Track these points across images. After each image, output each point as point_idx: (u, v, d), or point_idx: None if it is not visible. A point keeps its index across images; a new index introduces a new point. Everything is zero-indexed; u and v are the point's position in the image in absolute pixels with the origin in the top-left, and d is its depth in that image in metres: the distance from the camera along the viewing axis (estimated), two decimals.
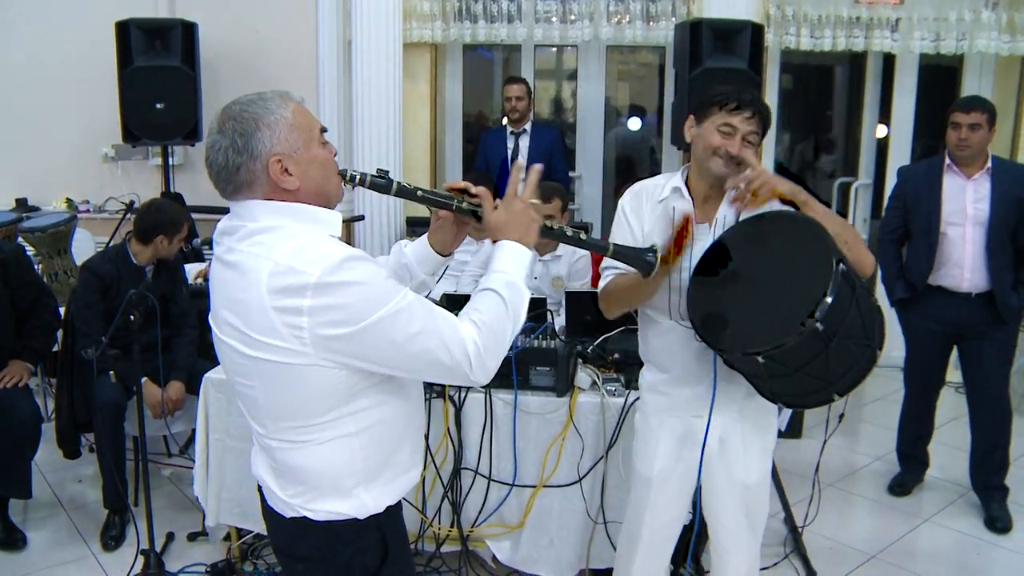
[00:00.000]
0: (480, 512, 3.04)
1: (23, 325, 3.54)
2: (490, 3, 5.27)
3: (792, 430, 4.23)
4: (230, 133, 1.52)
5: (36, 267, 4.14)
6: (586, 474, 2.96)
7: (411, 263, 1.85)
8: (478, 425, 2.98)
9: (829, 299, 1.87)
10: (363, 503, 1.64)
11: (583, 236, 1.87)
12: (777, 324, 1.94)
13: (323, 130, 1.63)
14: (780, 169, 5.74)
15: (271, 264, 1.47)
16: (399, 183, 1.70)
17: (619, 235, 2.35)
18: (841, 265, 1.91)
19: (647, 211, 2.33)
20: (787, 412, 3.62)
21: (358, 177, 1.66)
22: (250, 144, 1.51)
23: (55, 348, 3.76)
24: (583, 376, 3.00)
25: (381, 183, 1.68)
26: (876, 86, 5.51)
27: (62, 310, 3.69)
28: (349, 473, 1.62)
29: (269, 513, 1.73)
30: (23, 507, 3.62)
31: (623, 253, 1.95)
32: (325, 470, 1.61)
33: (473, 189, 1.78)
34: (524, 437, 2.96)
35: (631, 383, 2.89)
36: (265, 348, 1.50)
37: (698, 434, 2.31)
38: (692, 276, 2.17)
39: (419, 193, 1.74)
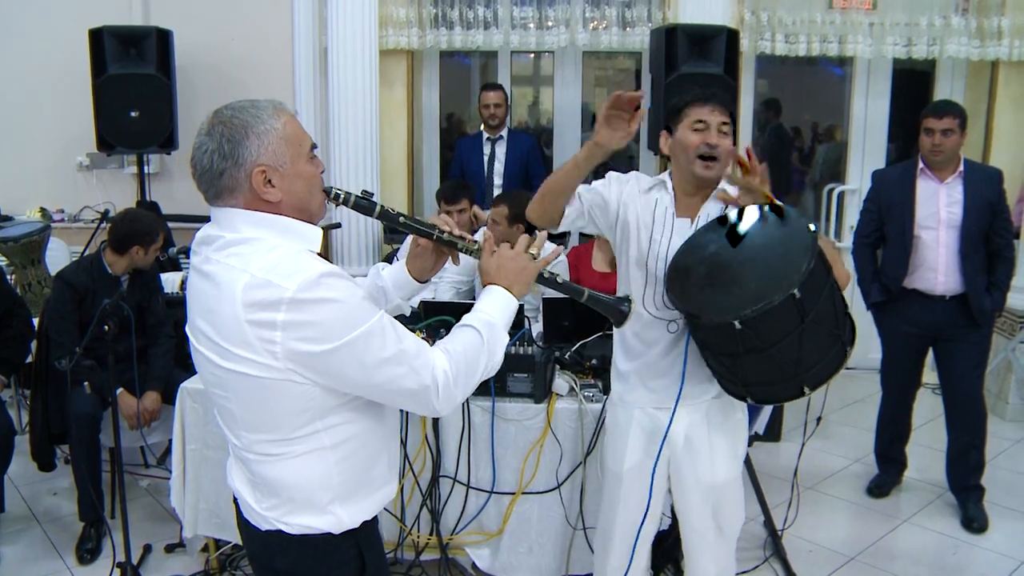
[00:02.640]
0: (459, 520, 3.03)
1: None
2: (466, 10, 5.27)
3: (771, 433, 4.26)
4: (218, 137, 1.51)
5: (9, 277, 4.08)
6: (564, 480, 2.96)
7: (388, 287, 1.86)
8: (456, 432, 2.98)
9: (809, 267, 1.95)
10: (339, 518, 1.63)
11: (560, 280, 1.86)
12: (760, 289, 2.01)
13: (313, 146, 1.62)
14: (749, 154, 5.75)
15: (247, 277, 1.45)
16: (382, 207, 1.72)
17: (596, 185, 2.41)
18: (795, 292, 1.97)
19: (634, 192, 2.38)
20: (765, 415, 3.64)
21: (342, 196, 1.67)
22: (236, 151, 1.50)
23: (29, 359, 3.71)
24: (561, 382, 3.01)
25: (365, 204, 1.70)
26: (863, 90, 5.53)
27: (36, 321, 3.64)
28: (324, 488, 1.61)
29: (245, 525, 1.72)
30: None
31: (597, 299, 1.93)
32: (300, 484, 1.60)
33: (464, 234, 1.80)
34: (502, 444, 2.96)
35: (608, 389, 2.88)
36: (239, 360, 1.49)
37: (667, 431, 2.35)
38: (668, 268, 2.24)
39: (401, 219, 1.75)
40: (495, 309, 1.69)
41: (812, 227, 2.09)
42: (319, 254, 1.57)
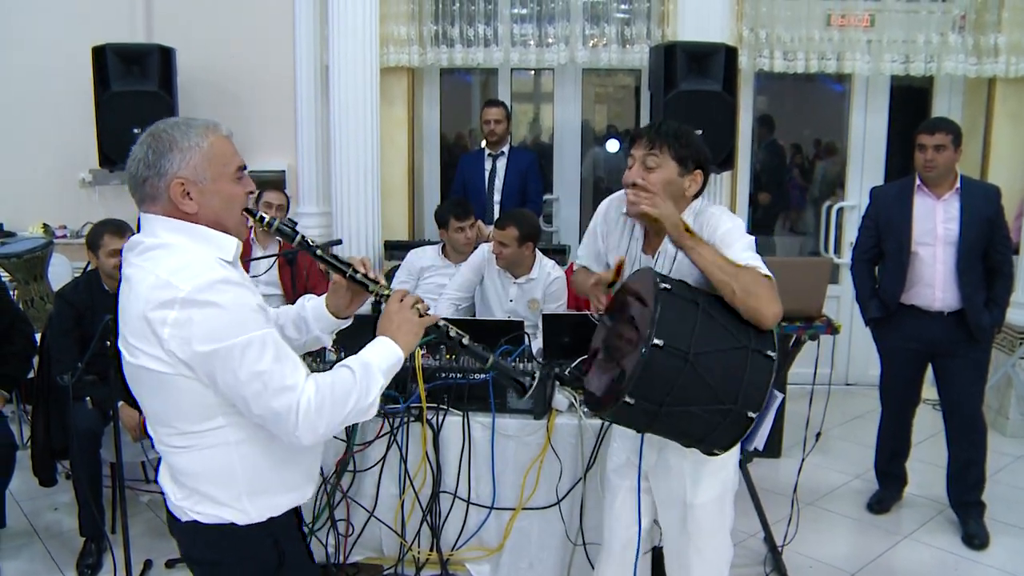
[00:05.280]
0: (459, 535, 3.04)
1: None
2: (467, 28, 5.31)
3: (770, 449, 4.25)
4: (146, 148, 1.63)
5: (11, 293, 4.09)
6: (564, 496, 2.97)
7: (308, 318, 1.92)
8: (456, 448, 2.99)
9: (656, 314, 1.96)
10: (245, 511, 1.70)
11: (465, 342, 1.89)
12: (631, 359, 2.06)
13: (241, 167, 1.71)
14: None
15: (153, 278, 1.56)
16: (303, 237, 1.81)
17: (587, 238, 2.54)
18: (656, 340, 1.94)
19: (612, 219, 2.45)
20: (765, 430, 3.63)
21: (267, 219, 1.77)
22: (160, 162, 1.61)
23: (31, 374, 3.72)
24: (560, 398, 3.01)
25: (286, 232, 1.81)
26: (861, 106, 5.55)
27: (38, 336, 3.65)
28: (230, 481, 1.69)
29: (171, 519, 1.80)
30: None
31: (501, 369, 1.95)
32: (207, 475, 1.68)
33: (378, 278, 1.88)
34: (502, 460, 2.97)
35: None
36: (141, 355, 1.59)
37: (644, 444, 2.37)
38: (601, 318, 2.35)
39: (318, 252, 1.83)
40: (374, 353, 1.73)
41: (656, 273, 2.10)
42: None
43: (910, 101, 5.60)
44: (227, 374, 1.56)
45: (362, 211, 4.98)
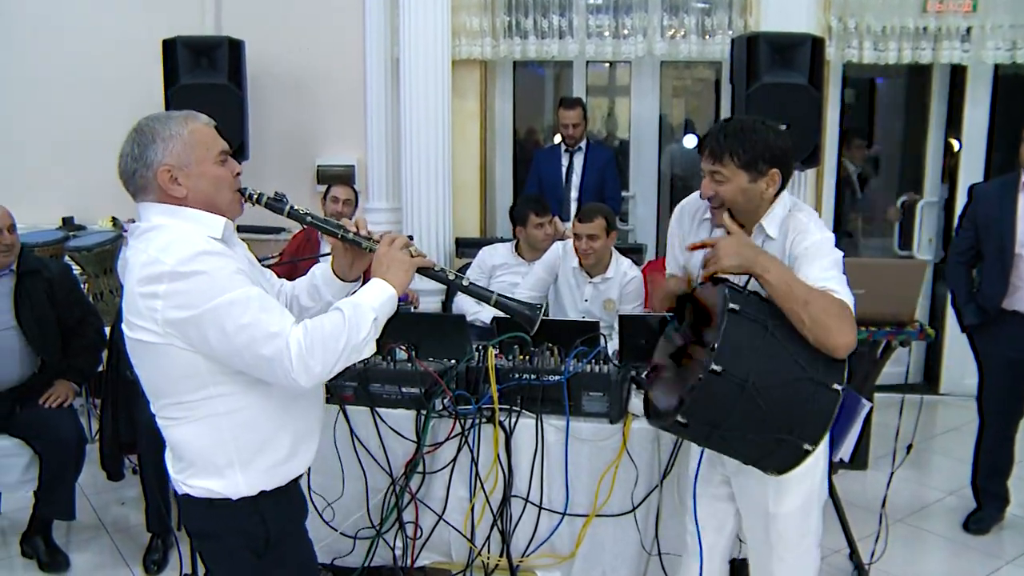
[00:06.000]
0: (530, 542, 2.97)
1: (68, 344, 3.54)
2: (541, 19, 5.20)
3: (857, 461, 4.04)
4: (131, 143, 1.77)
5: (82, 286, 4.15)
6: (640, 503, 2.89)
7: (319, 284, 2.01)
8: (529, 451, 2.92)
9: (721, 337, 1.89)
10: (235, 484, 1.80)
11: (466, 282, 1.96)
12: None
13: (224, 151, 1.84)
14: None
15: (144, 256, 1.70)
16: (291, 207, 1.92)
17: (668, 252, 2.49)
18: (715, 366, 1.89)
19: (688, 227, 2.38)
20: (850, 441, 3.47)
21: (255, 196, 1.88)
22: (145, 154, 1.75)
23: (100, 368, 3.75)
24: (637, 402, 2.91)
25: (275, 204, 1.91)
26: (943, 98, 5.30)
27: (107, 330, 3.69)
28: (221, 452, 1.79)
29: (174, 493, 1.92)
30: (66, 529, 3.61)
31: (505, 305, 1.97)
32: (198, 447, 1.79)
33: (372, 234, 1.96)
34: (576, 464, 2.90)
35: None
36: (136, 329, 1.72)
37: None
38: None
39: (308, 218, 1.94)
40: (365, 294, 1.82)
41: (729, 289, 2.00)
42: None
43: (1017, 91, 5.28)
44: (217, 332, 1.66)
45: (433, 207, 4.93)
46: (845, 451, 3.44)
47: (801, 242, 2.09)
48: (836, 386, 1.95)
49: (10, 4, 5.59)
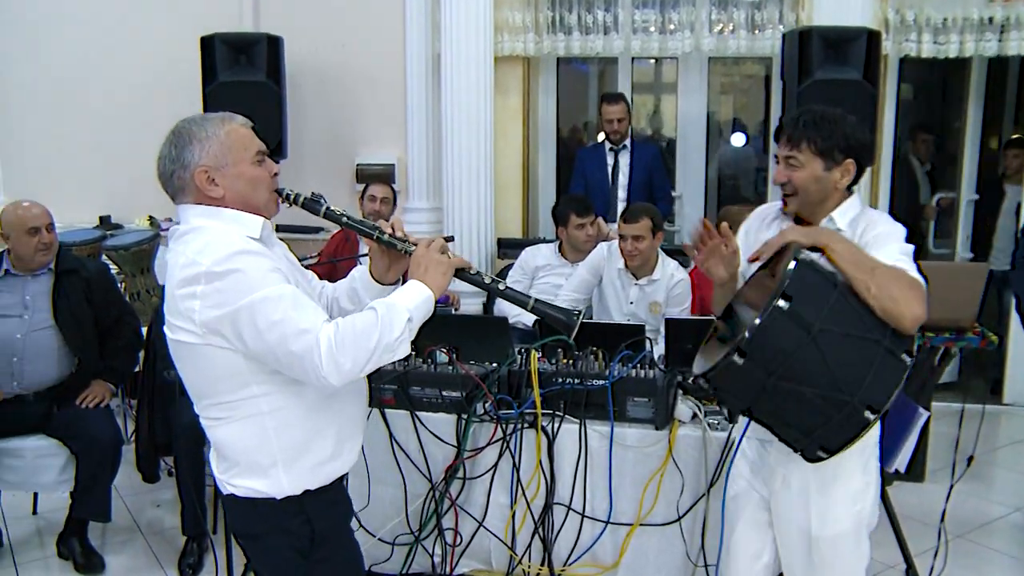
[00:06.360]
0: (572, 550, 2.94)
1: (105, 345, 3.54)
2: (585, 14, 5.12)
3: (913, 472, 3.90)
4: (169, 145, 1.80)
5: (119, 285, 4.16)
6: (686, 513, 2.84)
7: (358, 288, 2.01)
8: (572, 458, 2.88)
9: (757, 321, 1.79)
10: (279, 483, 1.81)
11: (503, 287, 1.95)
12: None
13: (261, 152, 1.86)
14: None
15: (183, 258, 1.73)
16: (328, 207, 1.94)
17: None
18: (781, 302, 1.79)
19: (755, 232, 2.32)
20: (907, 451, 3.35)
21: (292, 196, 1.90)
22: (182, 155, 1.78)
23: (136, 369, 3.75)
24: (683, 408, 2.87)
25: (311, 205, 1.92)
26: (979, 93, 5.14)
27: (144, 330, 3.68)
28: (264, 452, 1.80)
29: (219, 493, 1.94)
30: (102, 530, 3.61)
31: (542, 311, 1.94)
32: (242, 446, 1.81)
33: (408, 236, 1.96)
34: (620, 472, 2.86)
35: (735, 416, 2.73)
36: (177, 330, 1.75)
37: (766, 464, 2.22)
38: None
39: (344, 219, 1.95)
40: (401, 295, 1.81)
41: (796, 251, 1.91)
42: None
43: None
44: (251, 329, 1.68)
45: (474, 206, 4.88)
46: (901, 461, 3.31)
47: (872, 230, 2.07)
48: (904, 357, 1.86)
49: (50, 5, 5.67)
